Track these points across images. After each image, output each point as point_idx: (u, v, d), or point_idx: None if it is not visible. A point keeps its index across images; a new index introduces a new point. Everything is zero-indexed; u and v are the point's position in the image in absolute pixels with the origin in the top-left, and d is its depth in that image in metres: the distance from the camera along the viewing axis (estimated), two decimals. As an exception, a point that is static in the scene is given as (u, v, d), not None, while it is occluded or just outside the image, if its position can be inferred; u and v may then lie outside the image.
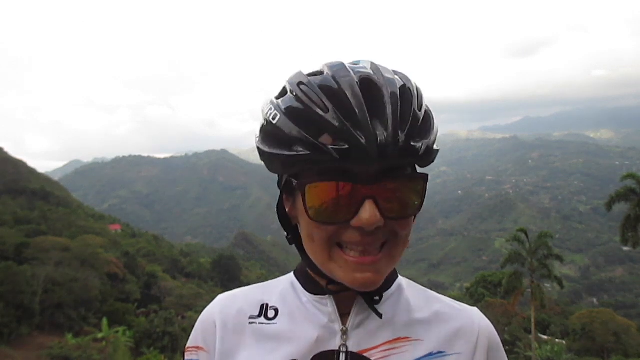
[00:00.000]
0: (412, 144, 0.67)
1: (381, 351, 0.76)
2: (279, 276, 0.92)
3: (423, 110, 0.71)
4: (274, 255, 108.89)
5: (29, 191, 53.95)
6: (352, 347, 0.77)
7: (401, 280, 0.87)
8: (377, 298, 0.79)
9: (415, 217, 0.77)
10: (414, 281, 0.86)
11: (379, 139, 0.64)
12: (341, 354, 0.76)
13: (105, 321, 26.13)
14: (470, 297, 37.25)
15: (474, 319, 0.83)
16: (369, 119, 0.64)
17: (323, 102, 0.67)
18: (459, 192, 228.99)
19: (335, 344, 0.77)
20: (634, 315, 47.37)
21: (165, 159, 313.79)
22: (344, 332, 0.77)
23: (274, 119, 0.71)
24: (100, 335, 25.29)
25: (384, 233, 0.70)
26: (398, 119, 0.66)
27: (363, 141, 0.63)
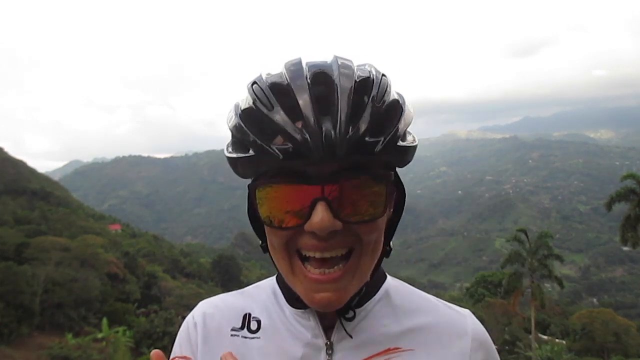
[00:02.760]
0: (367, 139, 0.61)
1: None
2: None
3: (385, 104, 0.65)
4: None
5: (29, 191, 53.93)
6: None
7: (389, 283, 0.81)
8: (348, 315, 0.74)
9: (398, 212, 0.75)
10: (413, 281, 0.86)
11: (324, 135, 0.59)
12: None
13: (105, 321, 26.12)
14: (470, 297, 37.28)
15: (466, 323, 0.78)
16: (314, 116, 0.60)
17: (269, 101, 0.64)
18: (459, 192, 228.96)
19: (320, 359, 0.73)
20: (634, 315, 47.41)
21: (165, 159, 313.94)
22: (329, 347, 0.73)
23: (229, 121, 0.69)
24: (100, 335, 25.28)
25: (346, 238, 0.64)
26: (348, 113, 0.61)
27: (307, 139, 0.59)
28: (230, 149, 0.70)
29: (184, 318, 0.83)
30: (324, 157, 0.59)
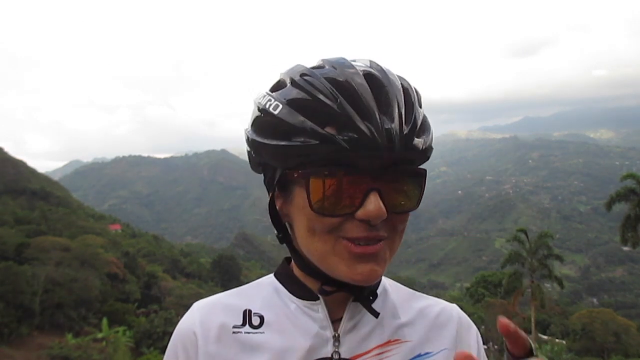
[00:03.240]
0: (416, 138, 0.67)
1: (373, 355, 0.75)
2: None
3: (422, 110, 0.72)
4: (274, 255, 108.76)
5: (29, 191, 53.90)
6: (345, 353, 0.75)
7: (385, 281, 0.86)
8: (371, 298, 0.78)
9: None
10: (413, 281, 0.88)
11: (386, 130, 0.64)
12: None
13: (105, 321, 26.10)
14: (470, 297, 37.31)
15: (452, 312, 0.85)
16: (377, 112, 0.65)
17: (331, 92, 0.66)
18: (459, 192, 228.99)
19: (327, 351, 0.75)
20: (634, 315, 47.41)
21: (165, 159, 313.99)
22: (336, 339, 0.75)
23: (275, 109, 0.69)
24: (100, 335, 25.26)
25: (385, 227, 0.69)
26: (403, 114, 0.66)
27: (372, 131, 0.63)
28: (263, 137, 0.70)
29: None
30: (383, 151, 0.64)
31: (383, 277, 0.84)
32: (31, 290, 24.24)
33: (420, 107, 0.72)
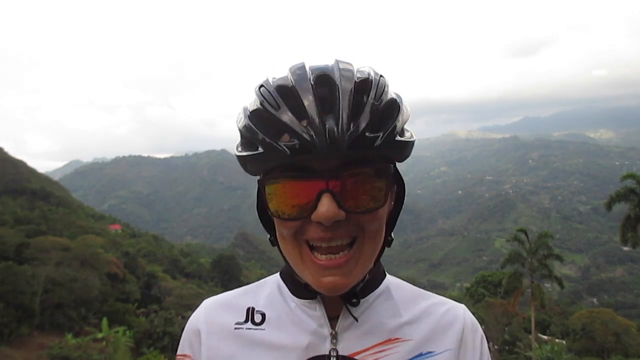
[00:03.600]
0: (367, 134, 0.67)
1: (372, 353, 0.76)
2: None
3: (385, 98, 0.71)
4: (274, 255, 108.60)
5: (29, 191, 53.89)
6: (342, 350, 0.77)
7: (389, 280, 0.86)
8: (354, 300, 0.79)
9: (398, 205, 0.80)
10: (413, 281, 0.87)
11: (328, 132, 0.64)
12: (332, 358, 0.76)
13: (105, 321, 26.10)
14: (470, 297, 37.26)
15: (458, 313, 0.84)
16: (318, 114, 0.66)
17: (275, 101, 0.69)
18: (459, 192, 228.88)
19: (325, 348, 0.77)
20: (634, 315, 47.32)
21: (165, 159, 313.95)
22: (334, 336, 0.77)
23: (239, 122, 0.74)
24: (100, 335, 25.26)
25: (349, 228, 0.69)
26: (349, 111, 0.66)
27: (312, 134, 0.65)
28: (240, 149, 0.75)
29: (184, 318, 0.84)
30: (328, 152, 0.65)
31: (388, 276, 0.87)
32: (31, 290, 24.22)
33: (380, 99, 0.70)
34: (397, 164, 0.77)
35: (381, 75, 0.73)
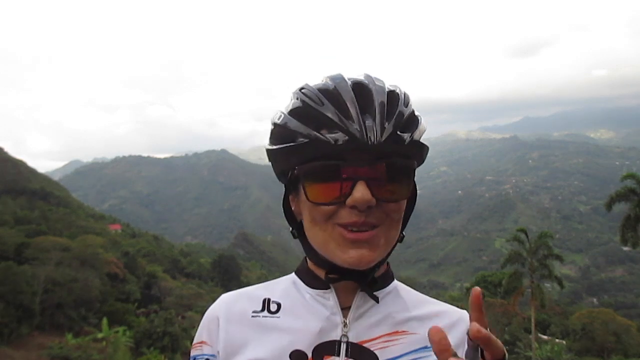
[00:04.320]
0: (398, 133, 0.77)
1: (380, 342, 0.83)
2: (279, 276, 0.99)
3: (409, 109, 0.82)
4: (274, 255, 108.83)
5: (29, 191, 53.87)
6: (353, 338, 0.83)
7: (397, 283, 0.94)
8: (374, 284, 0.87)
9: (410, 206, 0.88)
10: (413, 281, 0.91)
11: (367, 127, 0.75)
12: (342, 344, 0.82)
13: (105, 321, 26.11)
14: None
15: (462, 315, 0.91)
16: (359, 112, 0.76)
17: (319, 99, 0.79)
18: (459, 192, 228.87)
19: (336, 334, 0.83)
20: (634, 315, 47.31)
21: (165, 159, 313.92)
22: (345, 324, 0.84)
23: (279, 119, 0.83)
24: (100, 335, 25.28)
25: (377, 215, 0.78)
26: (384, 113, 0.77)
27: (356, 129, 0.75)
28: (274, 143, 0.84)
29: (184, 318, 0.86)
30: (366, 144, 0.74)
31: (396, 281, 0.94)
32: (31, 290, 24.23)
33: (407, 106, 0.82)
34: None
35: (405, 92, 0.85)
